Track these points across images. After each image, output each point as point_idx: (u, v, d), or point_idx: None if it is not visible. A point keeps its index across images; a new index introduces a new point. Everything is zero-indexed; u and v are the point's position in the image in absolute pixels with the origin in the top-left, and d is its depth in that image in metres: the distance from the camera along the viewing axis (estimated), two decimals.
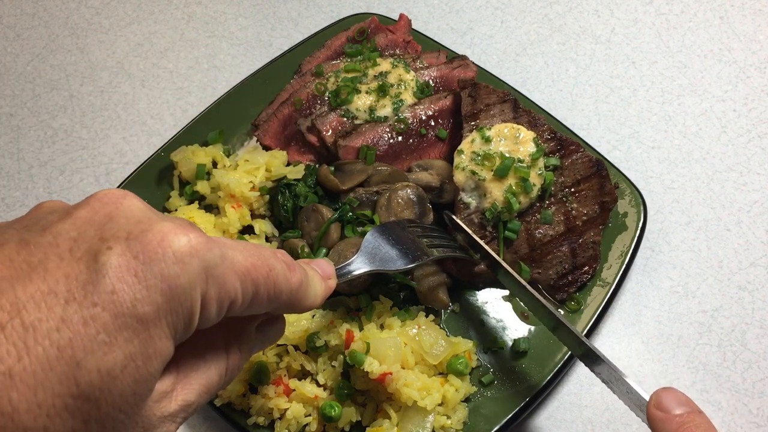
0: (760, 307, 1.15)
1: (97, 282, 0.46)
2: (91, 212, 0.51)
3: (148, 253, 0.48)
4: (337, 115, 1.24)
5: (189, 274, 0.49)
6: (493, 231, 1.11)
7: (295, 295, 0.64)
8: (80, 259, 0.47)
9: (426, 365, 1.03)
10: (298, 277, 0.64)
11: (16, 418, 0.43)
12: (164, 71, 1.47)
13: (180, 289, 0.49)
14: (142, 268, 0.47)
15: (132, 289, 0.46)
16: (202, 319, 0.53)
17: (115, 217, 0.51)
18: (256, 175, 1.19)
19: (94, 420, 0.46)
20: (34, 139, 1.39)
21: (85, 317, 0.45)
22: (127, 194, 0.53)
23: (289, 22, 1.52)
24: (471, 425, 1.03)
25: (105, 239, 0.48)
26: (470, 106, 1.19)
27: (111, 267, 0.46)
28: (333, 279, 0.76)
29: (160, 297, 0.48)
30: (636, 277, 1.18)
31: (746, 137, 1.31)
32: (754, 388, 1.09)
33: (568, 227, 1.12)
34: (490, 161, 1.12)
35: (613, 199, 1.14)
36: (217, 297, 0.53)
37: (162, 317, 0.48)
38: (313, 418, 1.02)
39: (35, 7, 1.57)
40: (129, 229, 0.49)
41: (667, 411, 0.76)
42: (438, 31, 1.48)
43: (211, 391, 0.59)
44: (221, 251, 0.53)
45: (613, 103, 1.37)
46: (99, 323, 0.45)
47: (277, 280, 0.59)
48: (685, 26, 1.46)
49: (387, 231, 1.02)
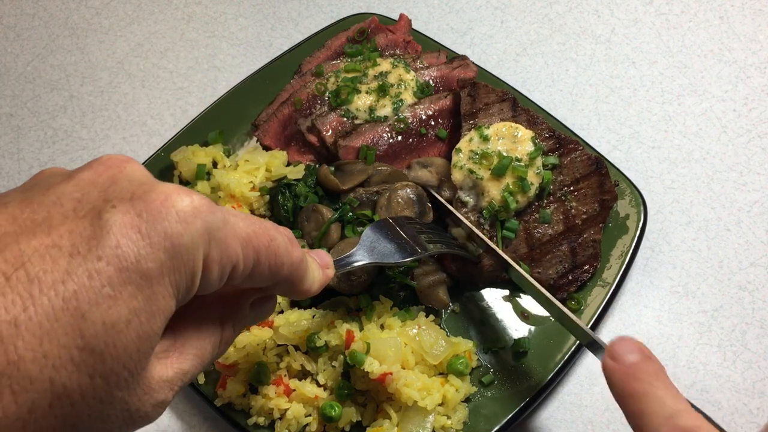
0: (760, 307, 1.15)
1: (102, 237, 0.46)
2: (95, 175, 0.51)
3: (151, 211, 0.48)
4: (337, 115, 1.24)
5: (192, 234, 0.50)
6: (491, 230, 1.11)
7: (296, 271, 0.64)
8: (84, 217, 0.47)
9: (426, 365, 1.03)
10: (299, 253, 0.64)
11: (22, 367, 0.42)
12: (164, 71, 1.47)
13: (183, 248, 0.49)
14: (145, 226, 0.47)
15: (136, 245, 0.47)
16: (204, 282, 0.53)
17: (119, 180, 0.51)
18: (257, 175, 1.19)
19: (99, 375, 0.45)
20: (35, 139, 1.39)
21: (89, 270, 0.45)
22: (130, 159, 0.54)
23: (289, 22, 1.52)
24: (471, 425, 1.03)
25: (108, 200, 0.48)
26: (469, 105, 1.20)
27: (115, 224, 0.46)
28: (331, 268, 0.76)
29: (163, 254, 0.48)
30: (636, 277, 1.18)
31: (746, 137, 1.31)
32: (754, 388, 1.09)
33: (568, 226, 1.12)
34: (487, 160, 1.12)
35: (613, 197, 1.14)
36: (219, 260, 0.53)
37: (165, 275, 0.48)
38: (313, 419, 1.02)
39: (35, 8, 1.57)
40: (132, 190, 0.49)
41: (619, 359, 0.75)
42: (438, 31, 1.48)
43: (204, 361, 0.59)
44: (223, 215, 0.53)
45: (613, 103, 1.37)
46: (104, 277, 0.45)
47: (278, 251, 0.59)
48: (685, 26, 1.46)
49: (386, 226, 1.03)
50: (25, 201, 0.48)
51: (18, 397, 0.42)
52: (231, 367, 1.04)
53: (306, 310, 1.08)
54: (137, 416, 0.51)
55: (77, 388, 0.45)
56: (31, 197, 0.49)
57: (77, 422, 0.46)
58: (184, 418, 1.10)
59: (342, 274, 1.07)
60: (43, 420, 0.44)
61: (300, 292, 0.68)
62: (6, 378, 0.42)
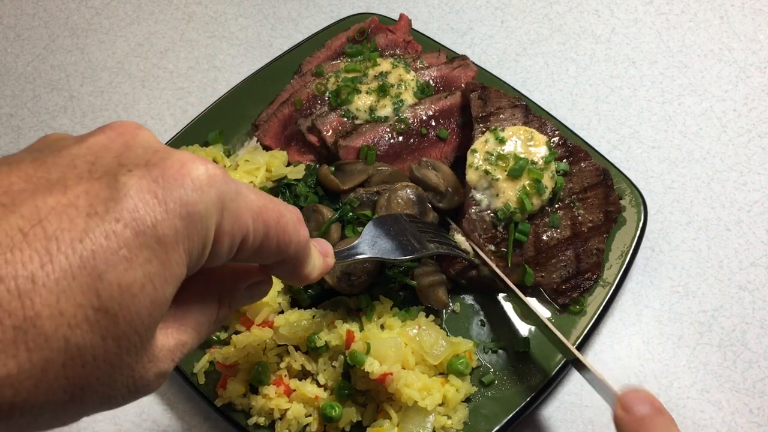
0: (760, 306, 1.15)
1: (119, 200, 0.45)
2: (107, 140, 0.51)
3: (168, 178, 0.48)
4: (338, 115, 1.24)
5: (206, 203, 0.49)
6: (504, 231, 1.11)
7: (302, 251, 0.64)
8: (100, 179, 0.46)
9: (426, 365, 1.03)
10: (306, 233, 0.64)
11: (38, 324, 0.42)
12: (164, 71, 1.47)
13: (198, 215, 0.49)
14: (162, 192, 0.47)
15: (153, 210, 0.46)
16: (214, 253, 0.53)
17: (132, 146, 0.51)
18: (257, 175, 1.19)
19: (111, 337, 0.45)
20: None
21: (107, 231, 0.44)
22: (141, 126, 0.53)
23: (289, 22, 1.52)
24: (471, 425, 1.03)
25: (124, 164, 0.48)
26: (480, 108, 1.20)
27: (132, 187, 0.46)
28: (331, 257, 0.76)
29: (179, 221, 0.48)
30: (636, 277, 1.18)
31: (746, 137, 1.31)
32: (754, 387, 1.09)
33: (574, 232, 1.13)
34: (504, 161, 1.12)
35: (617, 209, 1.15)
36: (230, 231, 0.53)
37: (180, 242, 0.48)
38: (313, 419, 1.02)
39: (35, 8, 1.57)
40: (147, 158, 0.49)
41: (630, 411, 0.76)
42: (438, 31, 1.48)
43: (201, 335, 0.60)
44: (236, 187, 0.53)
45: (613, 103, 1.37)
46: (121, 239, 0.45)
47: (287, 227, 0.59)
48: (685, 26, 1.46)
49: (388, 222, 1.02)
50: (38, 160, 0.47)
51: (33, 355, 0.42)
52: (231, 367, 1.05)
53: (306, 311, 1.08)
54: (140, 384, 0.51)
55: (90, 350, 0.44)
56: (44, 158, 0.48)
57: (86, 385, 0.45)
58: (184, 418, 1.10)
59: (342, 275, 1.07)
60: (54, 380, 0.43)
61: (301, 276, 0.68)
62: (22, 333, 0.41)
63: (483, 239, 1.11)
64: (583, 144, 1.21)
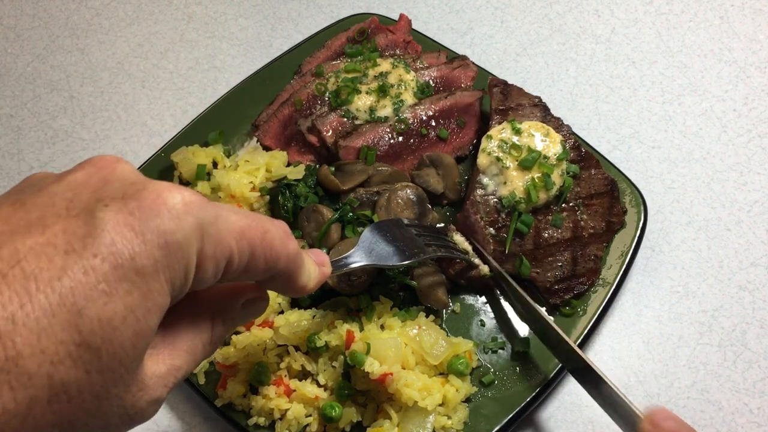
0: (760, 306, 1.15)
1: (96, 235, 0.46)
2: (86, 176, 0.52)
3: (144, 209, 0.48)
4: (338, 116, 1.24)
5: (184, 230, 0.50)
6: (506, 218, 1.12)
7: (293, 264, 0.64)
8: (77, 216, 0.47)
9: (426, 365, 1.03)
10: (295, 245, 0.64)
11: (21, 363, 0.42)
12: (164, 72, 1.47)
13: (176, 244, 0.49)
14: (139, 224, 0.48)
15: (131, 242, 0.47)
16: (199, 278, 0.53)
17: (111, 180, 0.51)
18: (257, 175, 1.19)
19: (96, 370, 0.46)
20: (35, 139, 1.39)
21: (85, 267, 0.45)
22: (120, 159, 0.54)
23: (289, 23, 1.52)
24: (472, 425, 1.03)
25: (101, 199, 0.49)
26: (501, 102, 1.22)
27: (109, 222, 0.47)
28: (327, 266, 0.76)
29: (157, 251, 0.48)
30: (636, 277, 1.18)
31: (746, 137, 1.31)
32: (755, 387, 1.09)
33: (575, 235, 1.13)
34: (516, 151, 1.14)
35: (620, 221, 1.15)
36: (213, 255, 0.53)
37: (160, 272, 0.48)
38: (313, 419, 1.02)
39: (35, 8, 1.57)
40: (124, 190, 0.50)
41: (658, 426, 0.78)
42: (438, 32, 1.48)
43: (197, 357, 0.60)
44: (215, 210, 0.54)
45: (613, 103, 1.37)
46: (99, 273, 0.45)
47: (273, 243, 0.59)
48: (685, 26, 1.46)
49: (385, 228, 1.02)
50: (18, 202, 0.49)
51: (17, 394, 0.43)
52: (231, 367, 1.05)
53: (306, 311, 1.08)
54: (133, 413, 0.51)
55: (75, 384, 0.45)
56: (23, 199, 0.49)
57: (74, 419, 0.46)
58: (184, 419, 1.10)
59: (342, 275, 1.07)
60: (41, 416, 0.44)
61: (297, 289, 0.67)
62: (5, 374, 0.42)
63: (484, 222, 1.12)
64: (596, 154, 1.22)
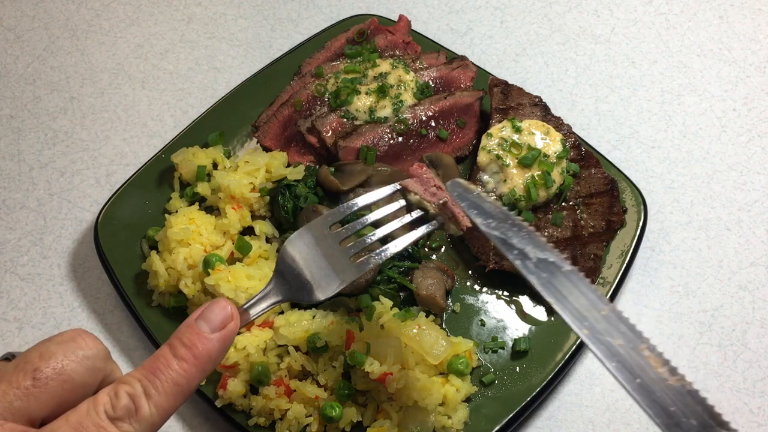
0: (760, 306, 1.15)
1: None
2: None
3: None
4: (337, 116, 1.25)
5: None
6: None
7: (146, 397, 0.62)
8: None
9: (426, 365, 1.03)
10: (117, 375, 0.66)
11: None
12: (164, 73, 1.47)
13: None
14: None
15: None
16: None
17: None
18: (257, 176, 1.19)
19: None
20: (35, 140, 1.39)
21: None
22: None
23: (288, 23, 1.53)
24: (472, 425, 1.03)
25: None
26: (502, 101, 1.23)
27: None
28: (234, 321, 0.69)
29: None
30: (636, 277, 1.18)
31: (746, 137, 1.31)
32: (755, 387, 1.09)
33: (575, 234, 1.13)
34: (517, 149, 1.14)
35: (620, 221, 1.15)
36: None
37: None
38: (313, 419, 1.02)
39: (35, 9, 1.57)
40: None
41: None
42: (438, 32, 1.48)
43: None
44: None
45: (613, 103, 1.37)
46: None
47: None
48: (685, 26, 1.46)
49: (300, 245, 0.83)
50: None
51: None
52: (232, 367, 1.05)
53: (306, 311, 1.08)
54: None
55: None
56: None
57: None
58: (185, 419, 1.10)
59: None
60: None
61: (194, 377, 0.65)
62: None
63: None
64: (596, 153, 1.22)
